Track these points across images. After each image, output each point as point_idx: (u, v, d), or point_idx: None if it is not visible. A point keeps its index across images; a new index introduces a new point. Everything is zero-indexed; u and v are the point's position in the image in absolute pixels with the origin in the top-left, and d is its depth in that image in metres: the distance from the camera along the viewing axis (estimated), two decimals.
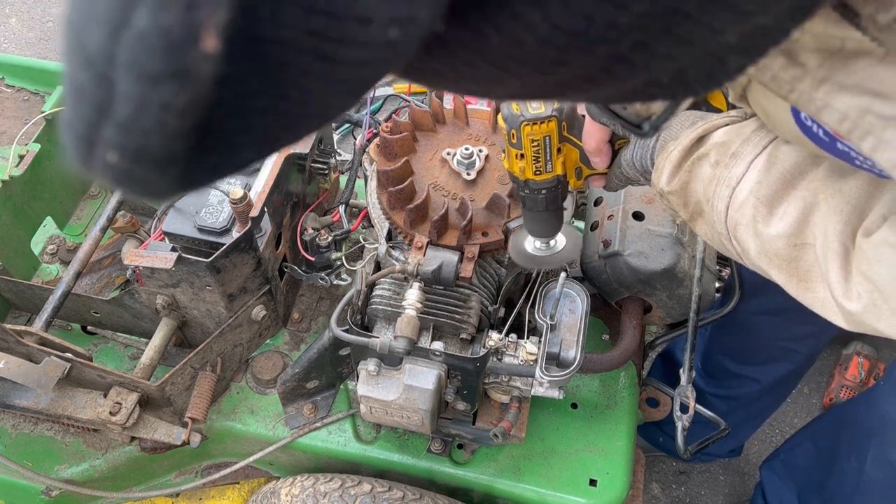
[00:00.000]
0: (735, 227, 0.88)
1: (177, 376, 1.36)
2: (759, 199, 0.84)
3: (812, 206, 0.81)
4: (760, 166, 0.85)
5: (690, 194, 0.94)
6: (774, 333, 1.75)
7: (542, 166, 1.04)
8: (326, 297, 1.66)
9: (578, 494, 1.41)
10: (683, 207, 0.97)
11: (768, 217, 0.83)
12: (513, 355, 1.25)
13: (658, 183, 0.97)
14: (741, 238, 0.87)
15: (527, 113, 1.01)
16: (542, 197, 1.07)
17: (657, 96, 0.45)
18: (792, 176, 0.83)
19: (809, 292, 0.83)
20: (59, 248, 1.76)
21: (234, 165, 0.35)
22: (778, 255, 0.84)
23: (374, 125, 1.46)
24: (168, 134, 0.29)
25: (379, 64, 0.33)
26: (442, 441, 1.45)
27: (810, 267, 0.82)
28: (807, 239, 0.81)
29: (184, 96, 0.28)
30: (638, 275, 1.42)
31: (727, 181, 0.87)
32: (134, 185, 0.33)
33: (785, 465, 2.02)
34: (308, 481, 1.36)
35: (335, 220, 1.54)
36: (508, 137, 1.04)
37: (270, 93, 0.31)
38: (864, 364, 2.40)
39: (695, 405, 1.41)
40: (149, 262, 1.28)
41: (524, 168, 1.05)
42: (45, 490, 1.50)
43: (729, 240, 0.90)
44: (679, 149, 0.94)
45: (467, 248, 1.23)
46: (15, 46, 3.41)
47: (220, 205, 1.40)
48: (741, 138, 0.89)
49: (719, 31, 0.36)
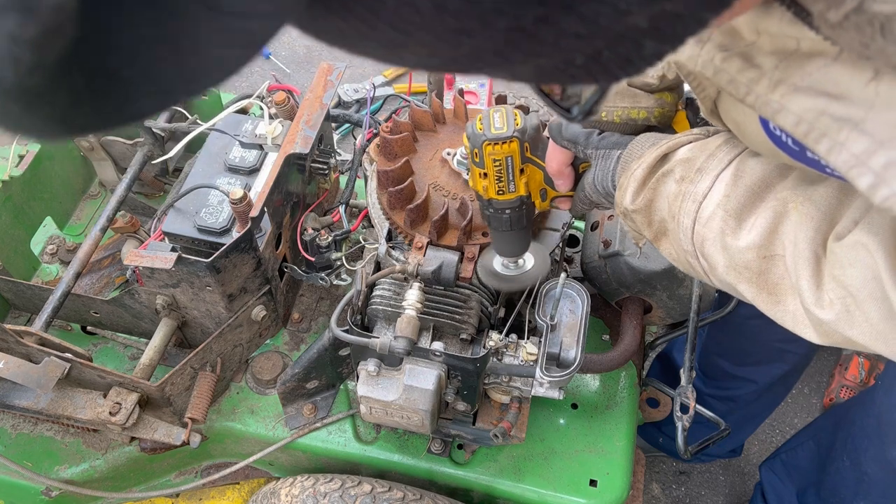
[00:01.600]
0: (702, 242, 0.86)
1: (177, 376, 1.36)
2: (728, 212, 0.82)
3: (781, 216, 0.80)
4: (727, 180, 0.84)
5: (655, 212, 0.93)
6: (768, 335, 1.75)
7: (505, 186, 1.04)
8: (326, 297, 1.66)
9: (578, 495, 1.41)
10: (647, 227, 0.95)
11: (737, 230, 0.82)
12: (513, 356, 1.25)
13: (622, 202, 0.96)
14: (708, 253, 0.86)
15: (489, 133, 1.00)
16: (506, 217, 1.07)
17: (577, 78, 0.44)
18: (759, 188, 0.82)
19: (779, 305, 0.82)
20: (59, 248, 1.76)
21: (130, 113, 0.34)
22: (748, 268, 0.82)
23: (374, 125, 1.46)
24: (24, 68, 0.28)
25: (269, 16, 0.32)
26: (442, 441, 1.45)
27: (780, 280, 0.81)
28: (776, 250, 0.80)
29: (31, 28, 0.26)
30: (638, 275, 1.42)
31: (693, 196, 0.86)
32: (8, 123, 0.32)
33: (784, 464, 2.02)
34: (308, 482, 1.36)
35: (335, 220, 1.54)
36: (472, 156, 1.04)
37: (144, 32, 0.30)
38: (864, 364, 2.40)
39: (695, 405, 1.41)
40: (149, 263, 1.28)
41: (487, 187, 1.05)
42: (44, 490, 1.50)
43: (696, 257, 0.89)
44: (643, 167, 0.92)
45: (467, 248, 1.23)
46: None
47: (220, 205, 1.40)
48: (706, 153, 0.87)
49: (624, 11, 0.36)
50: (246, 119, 1.53)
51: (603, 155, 1.00)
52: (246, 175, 1.46)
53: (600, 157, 1.01)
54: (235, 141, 1.49)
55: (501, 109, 1.02)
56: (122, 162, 1.74)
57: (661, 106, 1.06)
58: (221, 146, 1.49)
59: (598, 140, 1.01)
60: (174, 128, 1.60)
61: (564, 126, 1.02)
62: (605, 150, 1.00)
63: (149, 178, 1.77)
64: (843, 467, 1.73)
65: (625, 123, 1.06)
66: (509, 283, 1.18)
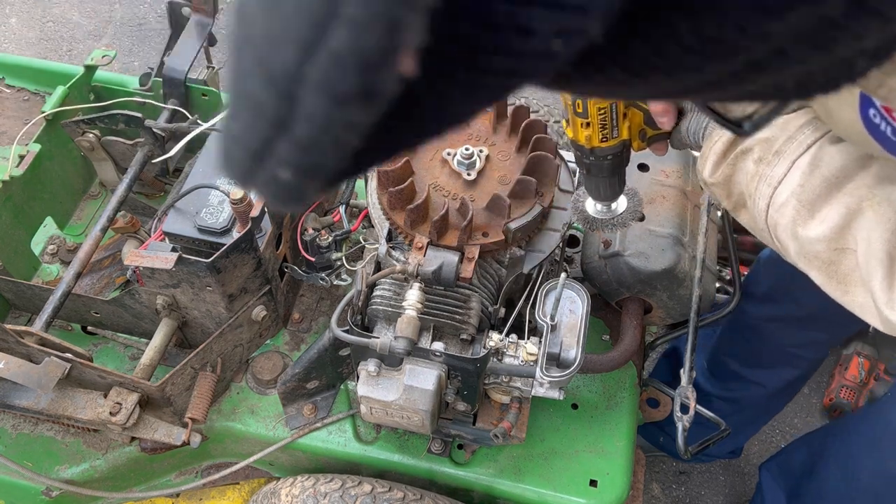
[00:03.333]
0: (775, 226, 0.87)
1: (177, 377, 1.36)
2: (801, 202, 0.83)
3: (855, 212, 0.79)
4: (804, 167, 0.84)
5: (734, 185, 0.93)
6: (784, 339, 1.75)
7: (609, 132, 1.03)
8: (327, 297, 1.66)
9: (579, 495, 1.41)
10: (727, 198, 0.96)
11: (808, 220, 0.82)
12: (513, 356, 1.25)
13: (702, 172, 0.97)
14: (780, 237, 0.87)
15: None
16: (607, 163, 1.07)
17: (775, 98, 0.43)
18: (837, 180, 0.82)
19: (848, 295, 0.82)
20: (59, 248, 1.76)
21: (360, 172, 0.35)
22: (817, 258, 0.83)
23: None
24: (344, 151, 0.29)
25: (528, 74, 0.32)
26: (442, 441, 1.45)
27: (850, 271, 0.81)
28: (847, 244, 0.80)
29: (368, 115, 0.27)
30: (638, 275, 1.42)
31: (769, 180, 0.86)
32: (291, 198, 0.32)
33: (780, 467, 2.03)
34: (308, 482, 1.36)
35: (335, 220, 1.54)
36: (574, 107, 1.02)
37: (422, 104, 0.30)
38: (865, 364, 2.40)
39: (695, 406, 1.41)
40: (149, 263, 1.28)
41: (591, 136, 1.04)
42: (45, 490, 1.50)
43: (769, 236, 0.90)
44: (723, 140, 0.93)
45: (468, 248, 1.22)
46: (15, 46, 3.41)
47: (220, 205, 1.40)
48: (786, 135, 0.87)
49: (859, 37, 0.35)
50: None
51: None
52: None
53: (696, 110, 1.01)
54: None
55: None
56: (122, 162, 1.74)
57: None
58: None
59: None
60: (174, 128, 1.60)
61: None
62: None
63: (149, 179, 1.77)
64: (833, 476, 1.74)
65: None
66: (605, 225, 1.19)
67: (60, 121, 1.64)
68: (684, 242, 1.45)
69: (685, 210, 1.48)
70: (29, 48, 3.41)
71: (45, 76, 1.84)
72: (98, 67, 1.74)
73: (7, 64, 1.86)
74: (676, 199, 1.48)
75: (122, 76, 1.84)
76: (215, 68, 1.82)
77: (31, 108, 1.81)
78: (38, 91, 1.84)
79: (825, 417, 2.47)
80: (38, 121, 1.63)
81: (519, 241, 1.27)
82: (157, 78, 1.72)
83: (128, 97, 1.70)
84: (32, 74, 1.85)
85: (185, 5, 1.70)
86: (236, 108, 0.30)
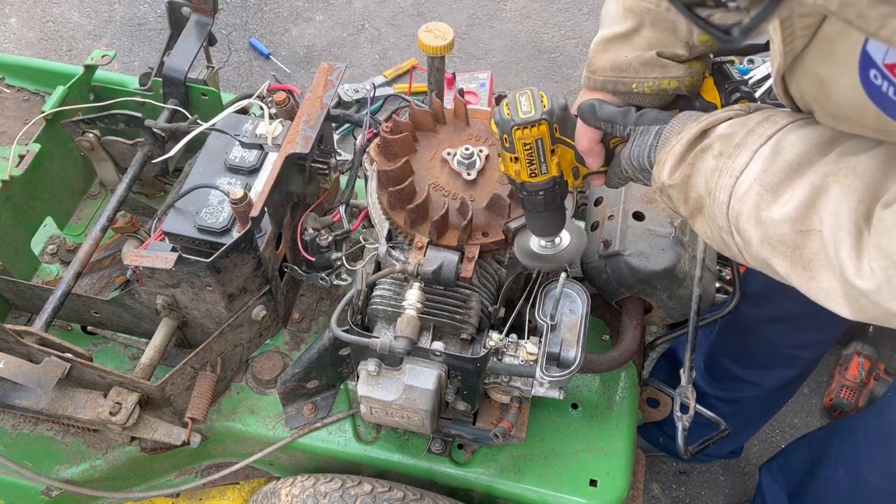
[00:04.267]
0: (737, 217, 0.87)
1: (177, 376, 1.36)
2: (764, 186, 0.83)
3: (820, 190, 0.80)
4: (765, 155, 0.84)
5: (692, 188, 0.94)
6: (781, 340, 1.75)
7: (537, 168, 1.05)
8: (327, 297, 1.66)
9: (578, 495, 1.41)
10: (684, 203, 0.96)
11: (772, 203, 0.83)
12: (513, 355, 1.25)
13: (659, 177, 0.97)
14: (743, 228, 0.87)
15: (517, 117, 1.01)
16: (539, 198, 1.09)
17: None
18: (799, 164, 0.82)
19: (813, 281, 0.82)
20: (59, 248, 1.76)
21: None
22: (782, 242, 0.83)
23: (375, 125, 1.46)
24: None
25: None
26: (442, 441, 1.45)
27: (815, 255, 0.81)
28: (812, 225, 0.80)
29: None
30: (638, 275, 1.42)
31: (730, 171, 0.87)
32: None
33: (780, 467, 2.03)
34: (308, 481, 1.36)
35: (335, 220, 1.54)
36: (501, 142, 1.05)
37: None
38: (865, 364, 2.40)
39: (695, 405, 1.41)
40: (149, 263, 1.28)
41: (519, 171, 1.06)
42: (45, 490, 1.50)
43: (730, 233, 0.90)
44: (682, 142, 0.93)
45: (468, 248, 1.23)
46: (15, 46, 3.41)
47: (220, 205, 1.40)
48: (745, 129, 0.88)
49: None
50: (246, 119, 1.53)
51: (642, 131, 1.02)
52: (246, 175, 1.46)
53: (639, 133, 1.02)
54: (236, 141, 1.49)
55: (528, 92, 1.03)
56: (122, 162, 1.74)
57: (691, 75, 1.07)
58: (222, 146, 1.49)
59: (637, 116, 1.03)
60: (174, 128, 1.60)
61: (598, 106, 1.03)
62: (644, 126, 1.02)
63: (149, 178, 1.77)
64: (836, 475, 1.73)
65: (655, 94, 1.08)
66: (548, 262, 1.19)
67: (60, 121, 1.64)
68: (684, 242, 1.45)
69: None
70: (29, 48, 3.41)
71: (45, 76, 1.84)
72: (98, 67, 1.74)
73: (7, 64, 1.86)
74: None
75: (122, 76, 1.84)
76: (215, 68, 1.83)
77: (31, 108, 1.81)
78: (38, 91, 1.85)
79: (825, 417, 2.47)
80: (37, 121, 1.63)
81: None
82: (157, 78, 1.72)
83: (128, 97, 1.70)
84: (32, 74, 1.85)
85: (184, 5, 1.70)
86: None
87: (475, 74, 3.15)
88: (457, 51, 3.32)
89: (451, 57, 2.61)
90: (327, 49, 3.42)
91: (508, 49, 3.41)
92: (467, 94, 3.01)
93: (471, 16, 3.52)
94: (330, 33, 3.47)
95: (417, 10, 3.54)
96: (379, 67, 3.31)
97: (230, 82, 3.28)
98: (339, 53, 3.41)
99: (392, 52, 3.39)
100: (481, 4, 3.57)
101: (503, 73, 3.30)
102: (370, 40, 3.44)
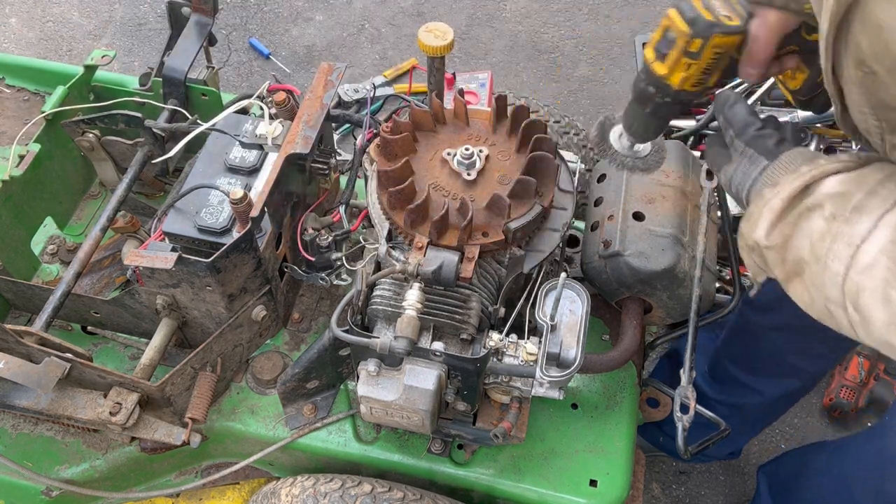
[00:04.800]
0: (857, 291, 0.76)
1: (177, 376, 1.36)
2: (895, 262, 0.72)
3: None
4: (894, 224, 0.74)
5: (790, 250, 0.83)
6: (787, 348, 1.74)
7: (706, 80, 0.94)
8: (327, 297, 1.66)
9: (578, 495, 1.41)
10: (780, 265, 0.85)
11: None
12: (513, 356, 1.25)
13: (751, 234, 0.86)
14: (864, 305, 0.76)
15: (721, 23, 0.87)
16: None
17: None
18: None
19: None
20: (59, 248, 1.76)
21: None
22: None
23: (375, 125, 1.46)
24: None
25: None
26: (442, 441, 1.45)
27: None
28: None
29: None
30: (638, 275, 1.42)
31: (848, 238, 0.76)
32: None
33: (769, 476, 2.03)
34: (308, 482, 1.36)
35: (335, 220, 1.54)
36: (687, 44, 0.90)
37: None
38: (864, 364, 2.40)
39: (695, 405, 1.41)
40: (149, 263, 1.28)
41: (687, 78, 0.93)
42: (45, 490, 1.50)
43: (842, 307, 0.78)
44: (781, 197, 0.83)
45: (468, 248, 1.22)
46: (15, 46, 3.41)
47: (220, 205, 1.40)
48: (864, 189, 0.77)
49: None
50: (246, 119, 1.53)
51: (750, 157, 0.92)
52: (246, 175, 1.46)
53: (746, 157, 0.92)
54: (236, 141, 1.49)
55: None
56: (122, 162, 1.74)
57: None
58: (222, 146, 1.49)
59: (753, 137, 0.92)
60: (174, 128, 1.60)
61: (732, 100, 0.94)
62: (752, 154, 0.91)
63: (149, 178, 1.77)
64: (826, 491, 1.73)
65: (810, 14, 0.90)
66: (616, 159, 1.13)
67: (60, 121, 1.64)
68: (684, 242, 1.45)
69: (685, 210, 1.48)
70: (29, 48, 3.41)
71: (45, 76, 1.84)
72: (98, 67, 1.74)
73: (7, 64, 1.86)
74: (676, 199, 1.48)
75: (122, 76, 1.84)
76: (215, 68, 1.83)
77: (31, 108, 1.81)
78: (38, 91, 1.85)
79: (825, 417, 2.47)
80: (37, 121, 1.63)
81: (519, 241, 1.27)
82: (157, 78, 1.72)
83: (128, 97, 1.70)
84: (32, 74, 1.85)
85: (184, 5, 1.70)
86: None
87: (475, 74, 3.15)
88: (457, 51, 3.32)
89: (451, 57, 2.61)
90: (327, 49, 3.42)
91: (508, 49, 3.41)
92: (467, 94, 3.01)
93: (471, 16, 3.53)
94: (330, 33, 3.47)
95: (417, 10, 3.54)
96: (379, 67, 3.31)
97: (230, 82, 3.28)
98: (339, 53, 3.41)
99: (392, 52, 3.39)
100: (481, 4, 3.57)
101: (503, 73, 3.30)
102: (370, 40, 3.44)
